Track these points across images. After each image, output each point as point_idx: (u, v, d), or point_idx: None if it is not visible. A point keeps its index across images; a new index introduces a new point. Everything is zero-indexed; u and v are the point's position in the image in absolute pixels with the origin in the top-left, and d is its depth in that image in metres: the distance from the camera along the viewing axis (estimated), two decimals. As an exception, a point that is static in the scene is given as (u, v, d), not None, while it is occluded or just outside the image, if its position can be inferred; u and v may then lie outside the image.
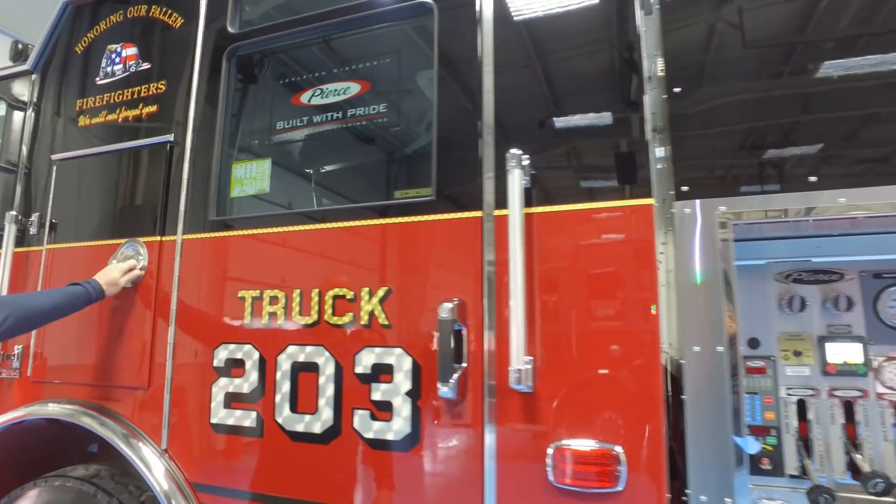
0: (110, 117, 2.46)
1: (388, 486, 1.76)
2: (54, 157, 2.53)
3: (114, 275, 2.16)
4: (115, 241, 2.33)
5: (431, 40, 1.89)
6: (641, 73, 1.67)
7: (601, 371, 1.56)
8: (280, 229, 2.02)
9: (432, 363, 1.74)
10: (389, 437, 1.76)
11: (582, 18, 1.76)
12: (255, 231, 2.07)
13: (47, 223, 2.48)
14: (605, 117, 1.70)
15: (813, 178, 1.50)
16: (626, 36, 1.71)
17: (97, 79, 2.53)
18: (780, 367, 1.96)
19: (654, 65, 1.70)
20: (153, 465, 2.07)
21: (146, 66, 2.43)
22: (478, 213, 1.75)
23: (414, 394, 1.75)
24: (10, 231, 2.43)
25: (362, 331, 1.85)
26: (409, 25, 1.99)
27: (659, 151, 1.66)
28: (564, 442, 1.56)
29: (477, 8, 1.84)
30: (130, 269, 2.20)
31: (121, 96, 2.46)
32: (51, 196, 2.51)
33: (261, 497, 1.92)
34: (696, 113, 1.64)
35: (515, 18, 1.82)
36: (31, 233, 2.50)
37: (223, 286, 2.10)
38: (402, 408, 1.75)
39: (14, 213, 2.44)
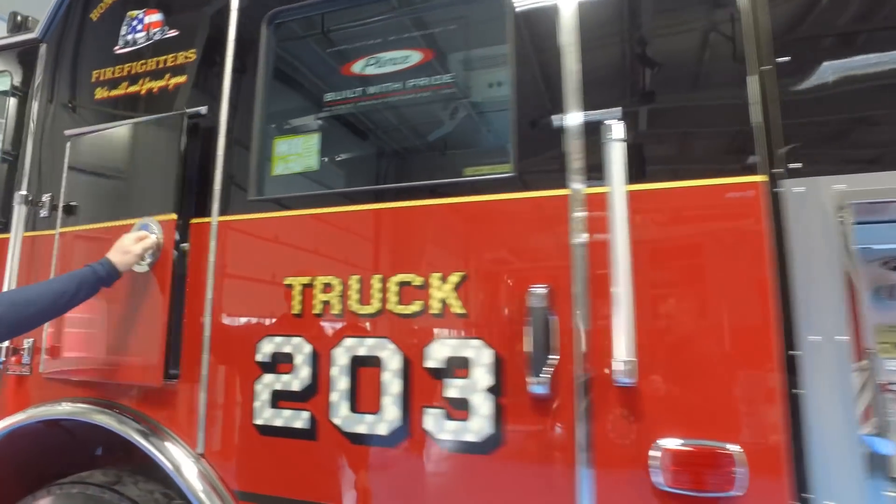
0: (132, 89, 2.25)
1: (467, 491, 1.59)
2: (68, 132, 2.30)
3: (125, 243, 1.90)
4: (135, 223, 2.11)
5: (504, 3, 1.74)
6: (746, 40, 1.54)
7: (712, 362, 1.42)
8: (333, 210, 1.85)
9: (516, 355, 1.58)
10: (468, 438, 1.59)
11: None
12: (303, 212, 1.88)
13: (60, 204, 2.25)
14: (708, 87, 1.56)
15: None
16: (731, -1, 1.57)
17: (116, 48, 2.32)
18: (879, 360, 1.85)
19: (759, 31, 1.57)
20: (187, 471, 1.86)
21: (173, 33, 2.22)
22: (564, 192, 1.60)
23: (495, 389, 1.59)
24: (20, 213, 2.19)
25: (433, 320, 1.68)
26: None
27: (766, 125, 1.53)
28: (672, 440, 1.42)
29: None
30: (142, 238, 1.94)
31: (144, 66, 2.25)
32: (64, 175, 2.28)
33: (315, 506, 1.73)
34: (807, 85, 1.51)
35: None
36: (41, 215, 2.26)
37: (267, 272, 1.90)
38: (482, 405, 1.59)
39: (24, 192, 2.20)
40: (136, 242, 1.92)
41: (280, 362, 1.83)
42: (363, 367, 1.73)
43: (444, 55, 1.86)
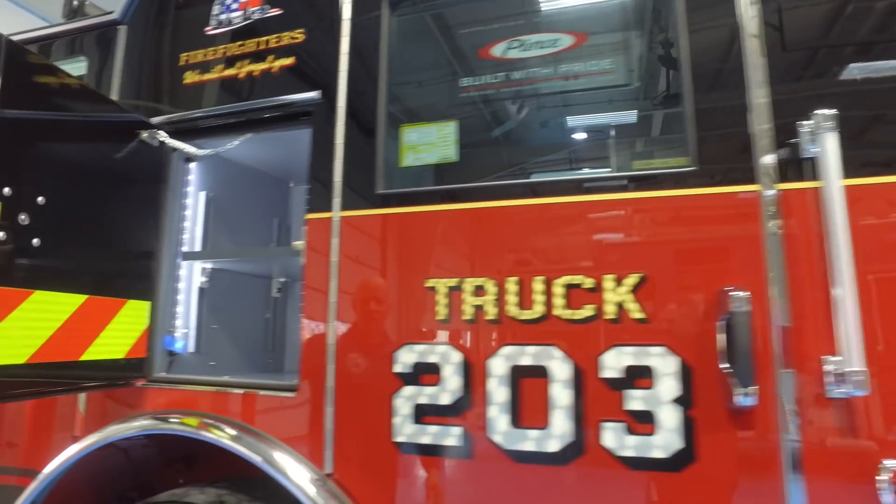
0: (228, 72, 2.06)
1: (655, 514, 1.47)
2: (155, 119, 2.09)
3: None
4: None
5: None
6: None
7: (946, 371, 1.33)
8: (481, 205, 1.69)
9: (706, 363, 1.46)
10: (654, 454, 1.46)
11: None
12: (445, 207, 1.73)
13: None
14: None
15: None
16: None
17: (207, 29, 2.12)
18: None
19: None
20: (313, 492, 1.68)
21: (275, 12, 2.04)
22: (754, 187, 1.49)
23: (684, 401, 1.46)
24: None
25: (609, 326, 1.55)
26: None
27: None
28: (904, 459, 1.32)
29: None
30: None
31: (241, 48, 2.06)
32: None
33: (474, 532, 1.58)
34: None
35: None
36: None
37: (403, 273, 1.74)
38: (669, 418, 1.46)
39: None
40: None
41: (424, 373, 1.67)
42: (526, 377, 1.59)
43: (600, 38, 1.73)
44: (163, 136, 2.03)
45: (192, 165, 2.26)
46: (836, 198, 1.37)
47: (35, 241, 1.57)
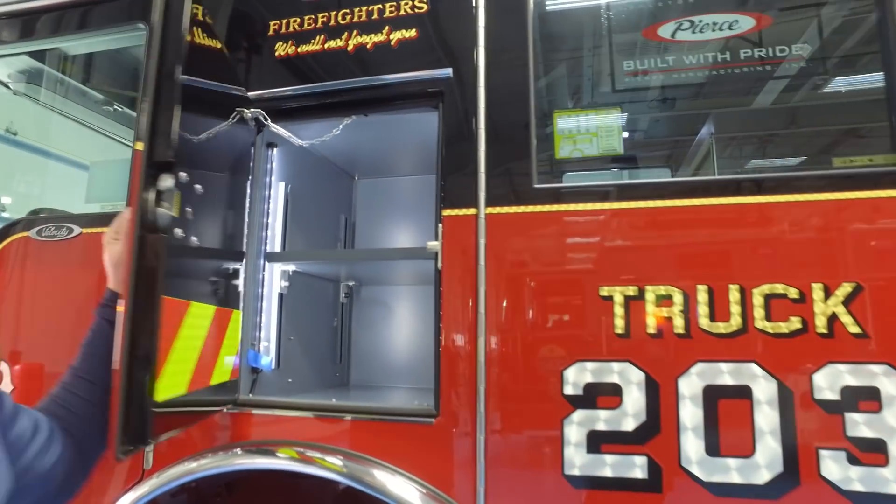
0: (333, 44, 1.78)
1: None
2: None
3: (109, 251, 1.23)
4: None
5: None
6: None
7: None
8: (665, 203, 1.49)
9: (938, 384, 1.31)
10: (889, 489, 1.31)
11: None
12: (619, 205, 1.52)
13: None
14: None
15: None
16: None
17: (304, -9, 1.83)
18: None
19: None
20: (468, 539, 1.45)
21: (389, -24, 1.77)
22: None
23: (916, 426, 1.31)
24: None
25: (821, 341, 1.38)
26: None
27: None
28: None
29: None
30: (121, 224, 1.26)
31: (348, 17, 1.78)
32: (236, 151, 1.76)
33: (671, 579, 1.38)
34: None
35: None
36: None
37: (571, 280, 1.53)
38: (900, 446, 1.31)
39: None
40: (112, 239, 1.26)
41: (600, 394, 1.46)
42: (724, 398, 1.40)
43: (785, 22, 1.56)
44: (264, 117, 1.73)
45: (275, 152, 1.96)
46: None
47: (194, 240, 1.26)
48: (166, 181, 1.17)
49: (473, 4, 1.68)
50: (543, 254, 1.54)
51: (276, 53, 1.82)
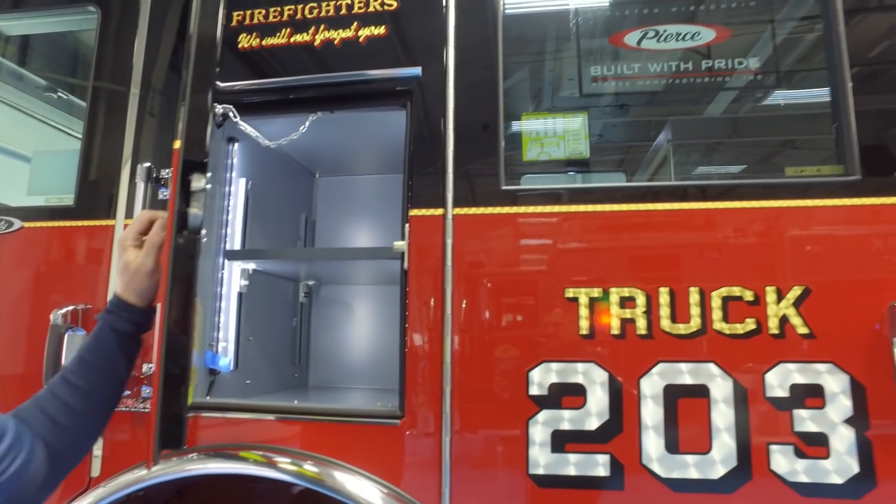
0: (299, 38, 1.74)
1: (833, 544, 1.39)
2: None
3: (124, 256, 1.18)
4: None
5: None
6: None
7: None
8: (631, 207, 1.54)
9: (878, 381, 1.40)
10: (829, 479, 1.39)
11: None
12: (588, 208, 1.55)
13: (193, 184, 1.67)
14: None
15: None
16: None
17: (268, -18, 1.78)
18: None
19: None
20: (433, 540, 1.45)
21: (361, -28, 1.75)
22: (913, 196, 1.46)
23: (858, 422, 1.40)
24: (144, 192, 1.59)
25: (773, 341, 1.45)
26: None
27: None
28: None
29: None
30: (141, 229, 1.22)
31: (315, 11, 1.75)
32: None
33: (629, 575, 1.42)
34: None
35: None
36: (161, 196, 1.67)
37: (537, 282, 1.55)
38: (842, 440, 1.39)
39: (149, 165, 1.60)
40: (131, 243, 1.20)
41: (564, 395, 1.49)
42: (684, 397, 1.46)
43: (745, 36, 1.63)
44: (234, 113, 1.68)
45: (236, 147, 1.91)
46: None
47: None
48: (200, 181, 1.15)
49: (444, 4, 1.69)
50: (509, 255, 1.56)
51: (240, 46, 1.77)
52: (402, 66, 1.68)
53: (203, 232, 1.25)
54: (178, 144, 1.14)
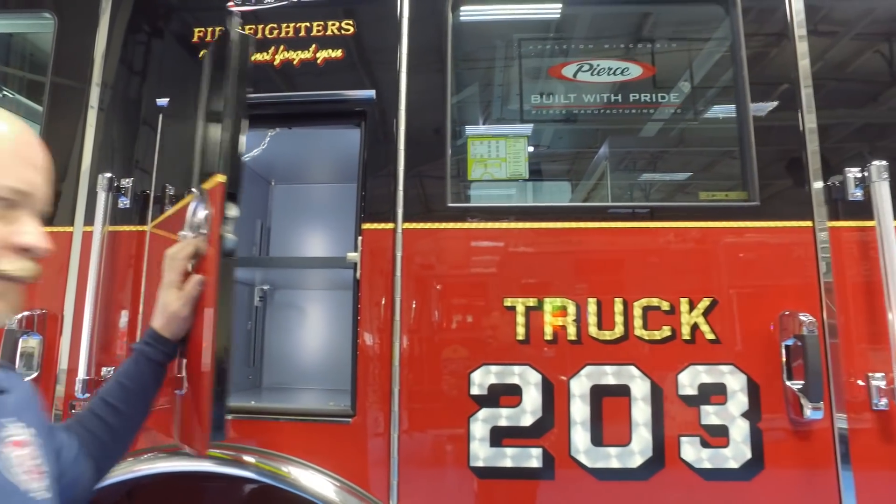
0: (260, 57, 1.84)
1: (728, 521, 1.60)
2: (161, 101, 1.79)
3: (164, 296, 1.29)
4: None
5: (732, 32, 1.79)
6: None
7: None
8: (563, 225, 1.71)
9: (769, 380, 1.63)
10: (728, 465, 1.60)
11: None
12: (525, 225, 1.71)
13: (152, 193, 1.75)
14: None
15: None
16: None
17: (229, 4, 1.87)
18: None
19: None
20: (382, 530, 1.59)
21: (316, -4, 1.87)
22: (807, 223, 1.70)
23: (752, 415, 1.62)
24: (104, 201, 1.65)
25: (685, 346, 1.66)
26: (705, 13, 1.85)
27: None
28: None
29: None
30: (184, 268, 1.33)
31: (276, 31, 1.85)
32: (155, 156, 1.77)
33: (560, 553, 1.60)
34: None
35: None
36: (121, 205, 1.73)
37: (479, 292, 1.70)
38: (739, 431, 1.61)
39: (110, 175, 1.66)
40: (174, 280, 1.32)
41: (503, 394, 1.65)
42: (608, 396, 1.64)
43: (667, 73, 1.84)
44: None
45: (194, 156, 1.98)
46: (891, 237, 1.59)
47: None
48: (232, 210, 1.27)
49: (398, 31, 1.82)
50: (454, 267, 1.71)
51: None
52: (358, 88, 1.81)
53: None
54: (221, 178, 1.24)
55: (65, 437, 1.07)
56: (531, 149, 1.80)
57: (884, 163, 1.62)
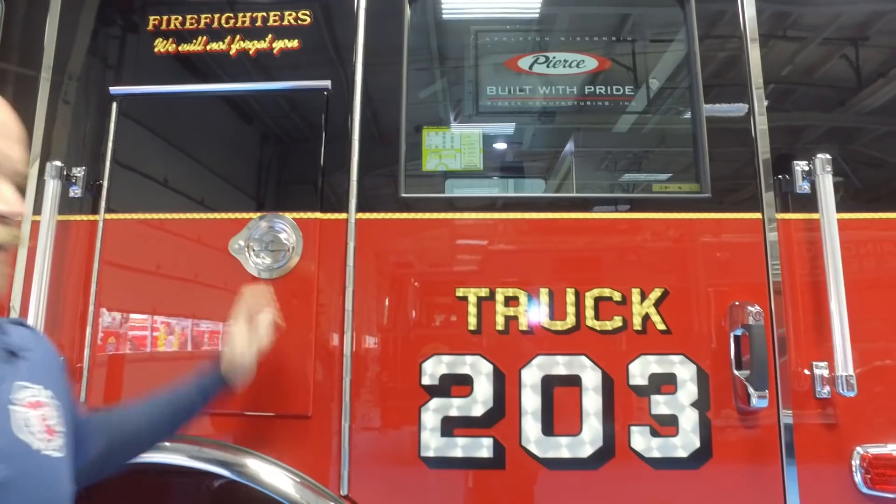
0: (215, 47, 1.85)
1: (676, 508, 1.63)
2: (114, 90, 1.80)
3: (232, 344, 1.41)
4: (231, 216, 1.75)
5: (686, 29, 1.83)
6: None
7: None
8: (515, 216, 1.74)
9: (718, 370, 1.67)
10: (677, 454, 1.64)
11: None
12: (478, 216, 1.74)
13: (105, 183, 1.75)
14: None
15: None
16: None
17: (185, -9, 1.88)
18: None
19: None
20: (332, 520, 1.60)
21: (271, -14, 1.88)
22: (756, 216, 1.74)
23: (701, 404, 1.66)
24: (53, 190, 1.65)
25: (636, 336, 1.69)
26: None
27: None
28: (873, 446, 1.63)
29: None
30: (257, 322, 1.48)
31: (231, 21, 1.86)
32: (109, 146, 1.77)
33: (510, 542, 1.62)
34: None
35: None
36: (72, 194, 1.73)
37: (430, 282, 1.72)
38: (689, 420, 1.65)
39: (60, 164, 1.66)
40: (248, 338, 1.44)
41: (454, 384, 1.67)
42: (559, 386, 1.67)
43: (622, 67, 1.88)
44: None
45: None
46: (832, 231, 1.64)
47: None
48: None
49: (354, 21, 1.84)
50: (407, 257, 1.74)
51: (156, 50, 1.86)
52: (314, 79, 1.82)
53: None
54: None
55: (86, 412, 1.12)
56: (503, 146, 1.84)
57: (827, 156, 1.67)
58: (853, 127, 1.83)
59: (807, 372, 1.66)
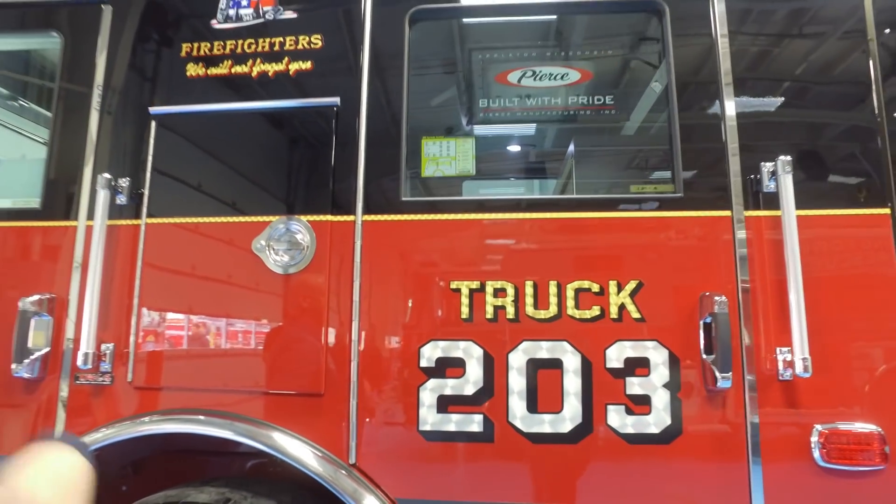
0: (238, 69, 2.12)
1: (649, 479, 1.83)
2: (153, 110, 2.08)
3: None
4: (252, 219, 2.01)
5: (661, 37, 2.02)
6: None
7: (860, 359, 1.83)
8: (502, 216, 1.96)
9: (688, 354, 1.86)
10: (649, 430, 1.83)
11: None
12: (469, 216, 1.97)
13: (146, 192, 2.04)
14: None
15: None
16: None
17: (213, 22, 2.15)
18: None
19: None
20: (343, 482, 1.85)
21: (289, 14, 2.14)
22: (726, 213, 1.92)
23: (672, 385, 1.85)
24: (104, 199, 1.95)
25: (613, 324, 1.89)
26: (638, 22, 2.08)
27: None
28: (830, 424, 1.79)
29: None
30: None
31: (253, 46, 2.13)
32: (149, 159, 2.06)
33: (496, 507, 1.85)
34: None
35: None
36: (118, 202, 2.02)
37: (428, 276, 1.96)
38: (661, 400, 1.84)
39: (108, 176, 1.96)
40: None
41: (448, 367, 1.90)
42: (543, 368, 1.88)
43: (603, 78, 2.07)
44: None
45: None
46: (791, 227, 1.81)
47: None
48: None
49: (360, 45, 2.08)
50: (407, 254, 1.97)
51: (187, 74, 2.14)
52: (325, 96, 2.07)
53: None
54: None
55: None
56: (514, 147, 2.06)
57: (788, 157, 1.84)
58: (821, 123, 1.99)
59: (772, 357, 1.83)
